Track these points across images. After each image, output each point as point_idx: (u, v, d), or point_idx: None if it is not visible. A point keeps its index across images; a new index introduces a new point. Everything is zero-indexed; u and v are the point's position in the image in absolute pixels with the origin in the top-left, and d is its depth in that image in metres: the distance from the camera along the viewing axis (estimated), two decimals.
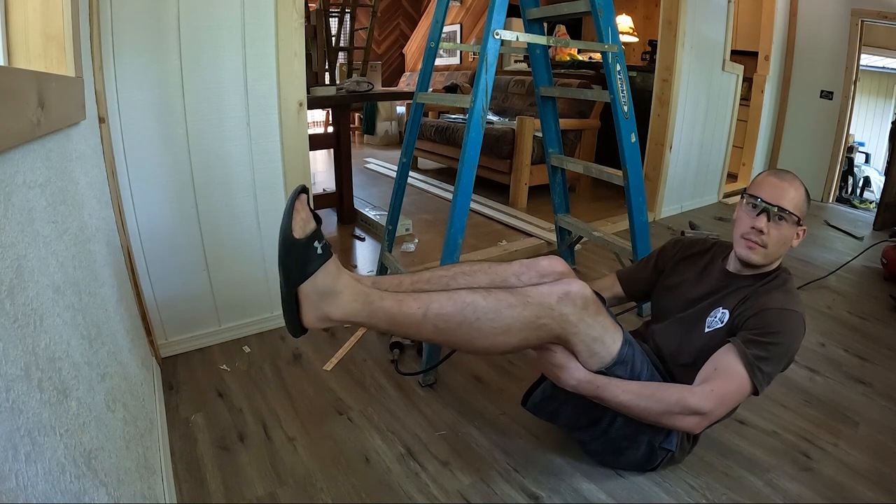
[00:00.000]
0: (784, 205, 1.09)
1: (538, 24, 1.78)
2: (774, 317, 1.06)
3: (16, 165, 0.57)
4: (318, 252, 0.92)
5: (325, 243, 0.93)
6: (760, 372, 1.02)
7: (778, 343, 1.04)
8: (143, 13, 1.37)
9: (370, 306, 0.93)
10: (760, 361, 1.02)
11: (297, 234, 0.92)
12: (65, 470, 0.52)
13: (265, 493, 1.14)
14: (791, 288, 1.13)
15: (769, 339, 1.04)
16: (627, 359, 1.05)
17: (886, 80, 4.92)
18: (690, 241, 1.37)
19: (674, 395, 1.03)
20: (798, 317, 1.07)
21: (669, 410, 1.03)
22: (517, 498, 1.13)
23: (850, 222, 3.29)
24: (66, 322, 0.67)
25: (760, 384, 1.03)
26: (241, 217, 1.67)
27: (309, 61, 2.74)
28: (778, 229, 1.11)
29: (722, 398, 1.02)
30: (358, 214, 3.01)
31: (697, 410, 1.01)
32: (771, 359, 1.03)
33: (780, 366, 1.06)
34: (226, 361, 1.63)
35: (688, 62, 2.94)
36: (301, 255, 0.92)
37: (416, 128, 1.78)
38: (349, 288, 0.93)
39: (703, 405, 1.01)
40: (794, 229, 1.13)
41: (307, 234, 0.92)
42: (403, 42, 7.09)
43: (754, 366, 1.02)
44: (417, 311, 0.93)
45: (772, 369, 1.04)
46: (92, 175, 1.10)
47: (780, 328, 1.05)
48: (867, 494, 1.15)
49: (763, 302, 1.09)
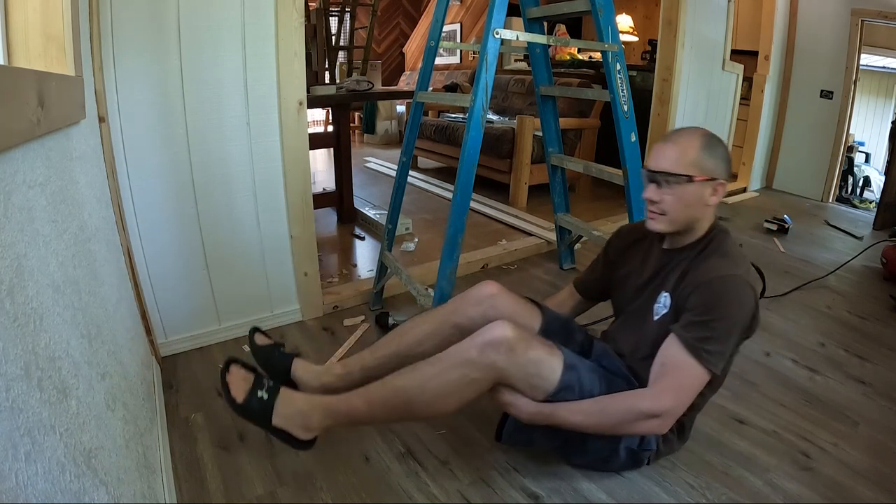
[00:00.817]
0: (665, 167, 1.05)
1: (538, 24, 1.78)
2: (711, 291, 1.01)
3: (16, 165, 0.57)
4: (264, 399, 1.06)
5: (268, 387, 1.08)
6: (709, 353, 0.98)
7: (719, 317, 0.99)
8: (143, 13, 1.37)
9: (333, 413, 1.08)
10: (706, 343, 0.98)
11: (239, 400, 1.06)
12: (65, 469, 0.52)
13: (265, 493, 1.14)
14: (727, 249, 1.07)
15: (709, 317, 0.99)
16: (571, 384, 1.04)
17: (886, 80, 4.91)
18: (630, 228, 1.33)
19: (623, 405, 1.02)
20: (736, 280, 1.01)
21: (624, 420, 1.01)
22: (517, 497, 1.13)
23: (849, 222, 3.28)
24: (66, 321, 0.67)
25: (713, 365, 0.99)
26: (241, 217, 1.67)
27: (309, 60, 2.74)
28: (671, 193, 1.05)
29: (676, 393, 1.00)
30: (358, 213, 3.01)
31: (652, 413, 1.00)
32: (717, 337, 0.99)
33: (730, 339, 1.01)
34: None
35: (688, 62, 2.94)
36: (254, 409, 1.06)
37: (416, 127, 1.78)
38: (308, 405, 1.09)
39: (657, 406, 0.99)
40: (696, 188, 1.05)
41: (248, 392, 1.07)
42: (403, 41, 7.09)
43: (700, 349, 0.98)
44: (362, 406, 1.06)
45: (721, 347, 1.00)
46: (92, 174, 1.10)
47: (718, 301, 1.00)
48: (867, 494, 1.15)
49: (699, 275, 1.04)
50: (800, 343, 1.80)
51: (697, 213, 1.08)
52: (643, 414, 1.00)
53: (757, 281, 1.05)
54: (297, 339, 1.77)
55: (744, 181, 3.95)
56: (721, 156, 1.07)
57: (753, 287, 1.02)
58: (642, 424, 1.02)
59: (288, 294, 1.85)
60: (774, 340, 1.81)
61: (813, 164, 3.80)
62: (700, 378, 1.00)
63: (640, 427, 1.03)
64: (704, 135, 1.07)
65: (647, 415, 1.00)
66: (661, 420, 1.01)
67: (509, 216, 3.06)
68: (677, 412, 1.02)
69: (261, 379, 1.10)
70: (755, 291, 1.03)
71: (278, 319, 1.85)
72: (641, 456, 1.15)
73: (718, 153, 1.06)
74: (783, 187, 4.04)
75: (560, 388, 1.03)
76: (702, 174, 1.05)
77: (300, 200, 1.75)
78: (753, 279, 1.03)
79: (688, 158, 1.04)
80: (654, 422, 1.01)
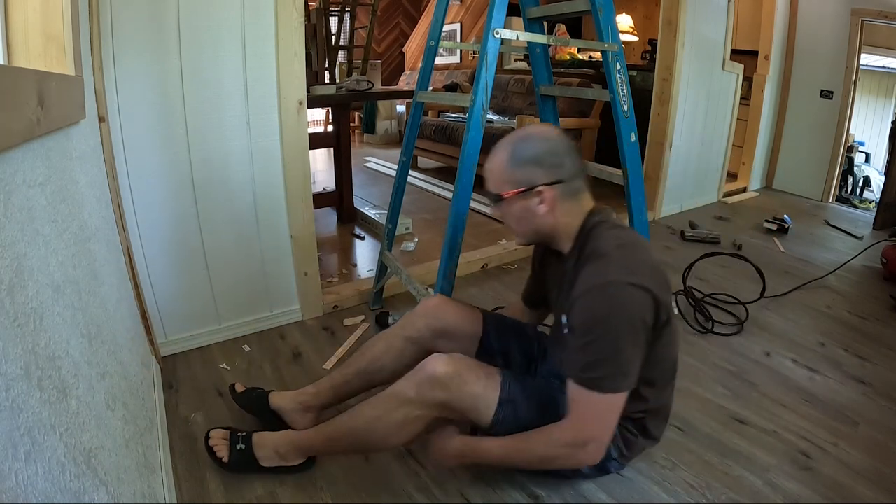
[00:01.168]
0: (488, 187, 1.04)
1: (538, 23, 1.78)
2: (584, 307, 0.92)
3: (16, 164, 0.57)
4: (242, 450, 1.15)
5: (242, 438, 1.17)
6: (601, 379, 0.91)
7: (598, 336, 0.91)
8: (143, 13, 1.37)
9: (301, 449, 1.16)
10: (593, 370, 0.91)
11: (225, 460, 1.16)
12: (65, 469, 0.52)
13: (265, 493, 1.14)
14: (600, 247, 0.95)
15: (588, 339, 0.92)
16: (507, 418, 1.02)
17: (886, 79, 4.91)
18: None
19: (543, 438, 0.98)
20: (607, 287, 0.90)
21: (549, 454, 0.99)
22: (517, 497, 1.13)
23: (849, 222, 3.28)
24: (66, 321, 0.67)
25: (613, 387, 0.92)
26: (241, 216, 1.67)
27: (309, 60, 2.74)
28: (500, 211, 1.05)
29: (592, 421, 0.95)
30: (358, 213, 3.01)
31: (577, 442, 0.96)
32: (604, 358, 0.91)
33: (620, 353, 0.91)
34: (226, 360, 1.63)
35: (688, 62, 2.94)
36: (240, 462, 1.15)
37: (415, 127, 1.78)
38: (279, 442, 1.16)
39: (579, 435, 0.96)
40: (519, 202, 1.01)
41: (229, 450, 1.16)
42: (403, 41, 7.08)
43: (590, 380, 0.92)
44: (324, 443, 1.13)
45: (612, 367, 0.91)
46: (92, 174, 1.10)
47: (593, 318, 0.91)
48: (867, 494, 1.15)
49: (575, 290, 0.95)
50: (800, 343, 1.80)
51: (540, 224, 1.03)
52: (568, 444, 0.96)
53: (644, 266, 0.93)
54: (296, 339, 1.77)
55: (744, 181, 3.95)
56: (532, 160, 0.99)
57: (635, 283, 0.90)
58: (574, 454, 0.97)
59: (288, 294, 1.85)
60: (774, 340, 1.81)
61: (813, 164, 3.80)
62: (608, 402, 0.93)
63: (572, 458, 0.99)
64: (511, 143, 1.02)
65: (572, 445, 0.96)
66: (593, 446, 0.96)
67: None
68: (603, 436, 0.97)
69: (234, 433, 1.18)
70: (639, 286, 0.90)
71: (278, 319, 1.85)
72: (606, 465, 1.13)
73: (528, 159, 0.99)
74: (783, 187, 4.04)
75: (495, 423, 1.03)
76: (514, 188, 1.00)
77: (300, 200, 1.75)
78: (637, 270, 0.91)
79: (499, 176, 1.02)
80: (585, 451, 0.97)
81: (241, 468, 1.15)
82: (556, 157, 1.00)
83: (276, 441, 1.16)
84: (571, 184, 1.01)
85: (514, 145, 1.01)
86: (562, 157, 1.00)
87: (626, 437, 1.10)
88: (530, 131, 1.04)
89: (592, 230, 1.00)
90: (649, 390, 1.06)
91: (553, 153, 1.00)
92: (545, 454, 0.99)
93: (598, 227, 1.00)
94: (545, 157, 0.99)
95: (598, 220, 1.02)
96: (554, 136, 1.03)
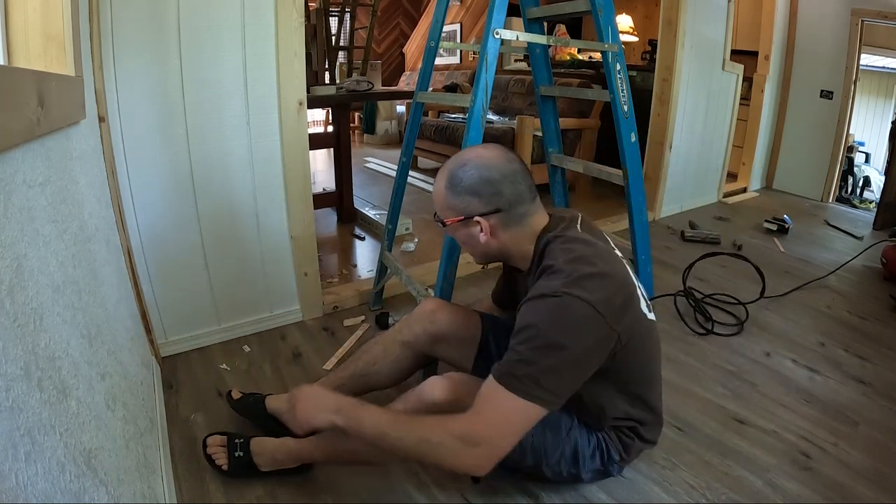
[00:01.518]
0: (435, 209, 1.04)
1: (538, 24, 1.78)
2: (522, 312, 0.90)
3: (16, 165, 0.57)
4: (241, 457, 1.16)
5: (240, 444, 1.17)
6: (514, 378, 0.85)
7: (525, 340, 0.86)
8: (143, 13, 1.37)
9: (297, 457, 1.15)
10: (511, 367, 0.86)
11: (225, 468, 1.16)
12: (65, 469, 0.52)
13: (265, 493, 1.14)
14: (554, 266, 0.92)
15: (517, 339, 0.88)
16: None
17: (886, 80, 4.91)
18: None
19: (436, 421, 0.89)
20: (550, 297, 0.86)
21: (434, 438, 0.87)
22: (517, 497, 1.13)
23: (849, 222, 3.28)
24: (66, 321, 0.67)
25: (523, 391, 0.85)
26: (241, 217, 1.67)
27: (309, 61, 2.74)
28: (447, 232, 1.07)
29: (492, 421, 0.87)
30: (358, 214, 3.01)
31: (467, 437, 0.86)
32: (524, 360, 0.85)
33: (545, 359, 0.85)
34: (226, 361, 1.63)
35: (688, 62, 2.94)
36: (240, 469, 1.16)
37: (415, 127, 1.78)
38: (275, 448, 1.16)
39: (473, 430, 0.87)
40: (461, 229, 1.00)
41: (228, 457, 1.16)
42: (403, 41, 7.09)
43: (505, 376, 0.86)
44: (321, 457, 1.12)
45: (528, 372, 0.85)
46: (92, 174, 1.10)
47: (526, 321, 0.88)
48: (867, 494, 1.15)
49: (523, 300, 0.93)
50: (800, 343, 1.80)
51: (486, 248, 1.01)
52: (458, 437, 0.86)
53: (593, 279, 0.88)
54: (296, 340, 1.77)
55: (744, 181, 3.95)
56: (468, 190, 0.96)
57: (579, 296, 0.85)
58: (460, 451, 0.87)
59: (288, 294, 1.85)
60: (774, 340, 1.81)
61: (813, 164, 3.80)
62: (516, 408, 0.86)
63: (457, 455, 0.87)
64: (449, 171, 0.99)
65: (461, 438, 0.86)
66: (483, 451, 0.87)
67: None
68: (499, 444, 0.87)
69: (231, 440, 1.18)
70: (581, 300, 0.85)
71: (278, 319, 1.85)
72: (609, 470, 1.11)
73: (464, 189, 0.96)
74: (783, 187, 4.04)
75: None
76: (454, 216, 0.99)
77: (300, 200, 1.75)
78: (584, 284, 0.87)
79: (440, 203, 1.01)
80: (473, 452, 0.86)
81: (241, 474, 1.16)
82: (491, 186, 0.96)
83: (274, 449, 1.16)
84: (512, 211, 0.97)
85: (451, 173, 0.98)
86: (499, 186, 0.96)
87: (623, 440, 1.10)
88: (469, 157, 0.99)
89: (546, 248, 0.97)
90: (634, 403, 1.05)
91: (489, 182, 0.96)
92: (430, 437, 0.88)
93: (551, 244, 0.97)
94: (481, 188, 0.96)
95: (551, 236, 0.98)
96: (494, 162, 0.97)
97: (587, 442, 1.06)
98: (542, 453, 1.03)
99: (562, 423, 1.04)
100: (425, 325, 1.22)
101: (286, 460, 1.15)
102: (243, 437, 1.18)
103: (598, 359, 0.91)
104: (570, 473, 1.08)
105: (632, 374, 1.02)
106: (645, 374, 1.05)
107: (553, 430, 1.03)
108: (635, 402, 1.06)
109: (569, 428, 1.05)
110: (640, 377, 1.04)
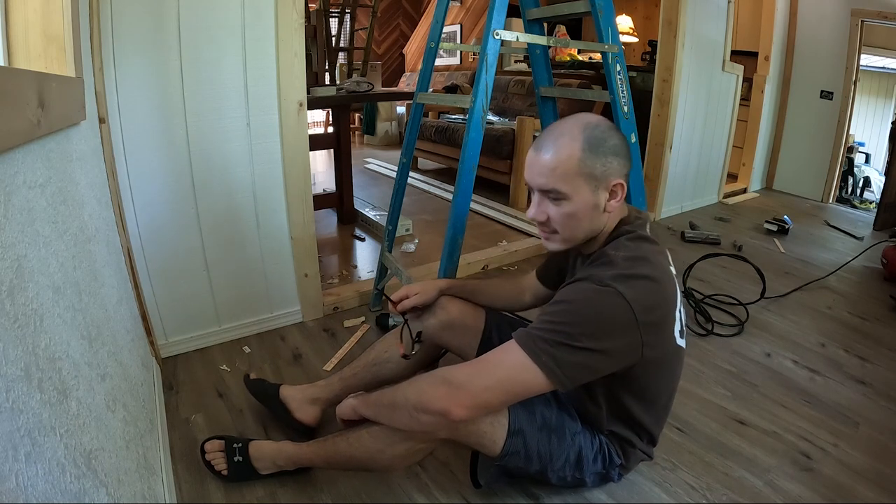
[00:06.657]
0: (544, 182, 0.89)
1: (538, 25, 1.78)
2: (564, 291, 0.88)
3: (16, 166, 0.57)
4: (240, 462, 1.16)
5: (238, 449, 1.17)
6: (533, 341, 0.84)
7: (556, 311, 0.85)
8: (144, 13, 1.37)
9: (296, 461, 1.14)
10: (532, 328, 0.85)
11: (225, 473, 1.16)
12: (65, 470, 0.52)
13: (265, 493, 1.14)
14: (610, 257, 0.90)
15: (550, 309, 0.86)
16: (517, 449, 0.99)
17: (886, 80, 4.91)
18: None
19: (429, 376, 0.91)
20: (596, 284, 0.84)
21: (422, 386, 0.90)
22: (517, 498, 1.13)
23: (850, 222, 3.29)
24: (66, 322, 0.67)
25: (530, 348, 0.83)
26: (242, 218, 1.67)
27: (309, 61, 2.74)
28: (559, 208, 0.90)
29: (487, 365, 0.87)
30: (358, 214, 3.01)
31: (451, 379, 0.86)
32: (547, 326, 0.84)
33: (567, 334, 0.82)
34: (226, 362, 1.63)
35: (688, 62, 2.94)
36: (240, 474, 1.16)
37: (416, 128, 1.78)
38: (274, 452, 1.16)
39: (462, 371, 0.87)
40: (587, 197, 0.89)
41: (227, 462, 1.16)
42: (403, 42, 7.09)
43: (522, 335, 0.85)
44: (321, 462, 1.12)
45: (546, 337, 0.83)
46: (92, 175, 1.10)
47: (564, 296, 0.86)
48: (867, 494, 1.15)
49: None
50: (800, 343, 1.79)
51: (597, 224, 0.93)
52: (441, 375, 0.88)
53: (640, 282, 0.85)
54: (297, 341, 1.77)
55: (744, 182, 3.95)
56: (612, 150, 0.88)
57: (622, 293, 0.83)
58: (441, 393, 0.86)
59: (288, 295, 1.85)
60: (775, 341, 1.81)
61: (813, 164, 3.81)
62: (518, 364, 0.84)
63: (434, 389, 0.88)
64: (585, 129, 0.88)
65: (443, 376, 0.87)
66: (465, 394, 0.85)
67: (509, 217, 3.06)
68: (479, 394, 0.85)
69: (230, 444, 1.18)
70: (624, 297, 0.83)
71: (278, 320, 1.85)
72: (609, 474, 1.11)
73: (608, 147, 0.87)
74: (783, 188, 4.04)
75: (503, 455, 1.00)
76: (589, 182, 0.88)
77: (300, 201, 1.75)
78: (631, 284, 0.84)
79: (566, 169, 0.87)
80: (447, 390, 0.86)
81: (241, 478, 1.16)
82: (626, 148, 0.90)
83: (273, 454, 1.16)
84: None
85: (587, 132, 0.87)
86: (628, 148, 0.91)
87: (623, 447, 1.09)
88: (591, 119, 0.90)
89: (617, 237, 0.94)
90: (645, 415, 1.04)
91: (625, 143, 0.90)
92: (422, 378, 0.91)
93: (624, 236, 0.93)
94: (621, 149, 0.88)
95: (627, 228, 0.94)
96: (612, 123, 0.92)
97: (590, 445, 1.06)
98: (548, 459, 1.03)
99: (567, 429, 1.04)
100: (437, 311, 1.23)
101: (285, 465, 1.15)
102: (241, 442, 1.18)
103: (617, 361, 0.88)
104: (574, 478, 1.08)
105: (643, 391, 0.99)
106: (654, 396, 1.02)
107: (558, 435, 1.03)
108: (633, 421, 1.04)
109: (573, 433, 1.05)
110: (650, 396, 1.02)
